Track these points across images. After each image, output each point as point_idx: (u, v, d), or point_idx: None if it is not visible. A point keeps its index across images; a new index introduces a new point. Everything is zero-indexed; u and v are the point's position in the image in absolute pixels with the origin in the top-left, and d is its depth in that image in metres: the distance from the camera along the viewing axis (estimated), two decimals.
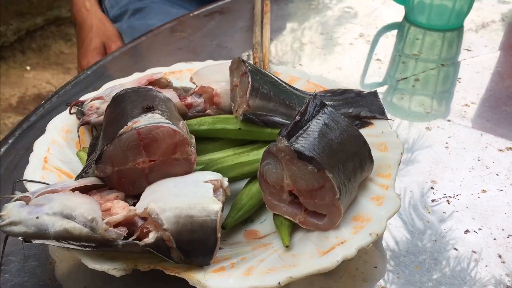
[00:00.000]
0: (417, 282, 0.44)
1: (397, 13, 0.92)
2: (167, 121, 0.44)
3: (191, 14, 0.90)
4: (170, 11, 0.99)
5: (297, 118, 0.45)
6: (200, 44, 0.81)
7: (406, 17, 0.91)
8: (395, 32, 0.88)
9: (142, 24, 0.97)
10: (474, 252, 0.46)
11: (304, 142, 0.43)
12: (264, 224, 0.47)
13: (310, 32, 0.87)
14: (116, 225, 0.39)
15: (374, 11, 0.94)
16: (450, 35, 0.86)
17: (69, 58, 2.40)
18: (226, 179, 0.45)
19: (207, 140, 0.53)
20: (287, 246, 0.42)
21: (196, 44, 0.81)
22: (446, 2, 0.84)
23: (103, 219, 0.38)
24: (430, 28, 0.87)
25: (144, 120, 0.43)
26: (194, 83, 0.58)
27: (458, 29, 0.88)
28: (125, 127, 0.43)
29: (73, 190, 0.41)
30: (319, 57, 0.79)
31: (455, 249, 0.47)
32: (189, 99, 0.57)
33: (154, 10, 0.98)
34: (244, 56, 0.77)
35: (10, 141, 0.59)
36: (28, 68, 2.30)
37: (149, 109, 0.45)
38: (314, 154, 0.42)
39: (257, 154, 0.50)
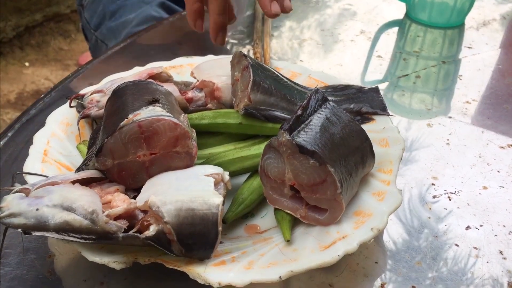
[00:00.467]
0: (418, 278, 0.44)
1: (398, 10, 0.92)
2: (168, 114, 0.44)
3: None
4: (143, 1, 0.98)
5: (299, 112, 0.44)
6: (201, 39, 0.81)
7: (407, 14, 0.90)
8: (396, 29, 0.87)
9: (119, 23, 0.97)
10: (475, 248, 0.46)
11: (306, 136, 0.42)
12: (265, 219, 0.47)
13: (311, 29, 0.86)
14: (117, 218, 0.39)
15: (375, 8, 0.94)
16: (451, 32, 0.86)
17: (68, 54, 2.39)
18: (227, 173, 0.45)
19: (208, 134, 0.53)
20: (288, 241, 0.42)
21: (197, 39, 0.81)
22: (447, 0, 0.84)
23: (103, 212, 0.38)
24: (431, 26, 0.87)
25: (145, 113, 0.43)
26: (194, 77, 0.58)
27: (459, 26, 0.87)
28: (126, 119, 0.42)
29: (73, 182, 0.41)
30: (319, 53, 0.79)
31: (456, 245, 0.47)
32: (190, 94, 0.56)
33: (128, 7, 0.98)
34: (245, 52, 0.77)
35: (9, 134, 0.59)
36: (26, 64, 2.29)
37: (154, 101, 0.45)
38: (316, 148, 0.41)
39: (258, 148, 0.49)
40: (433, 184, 0.53)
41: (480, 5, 0.94)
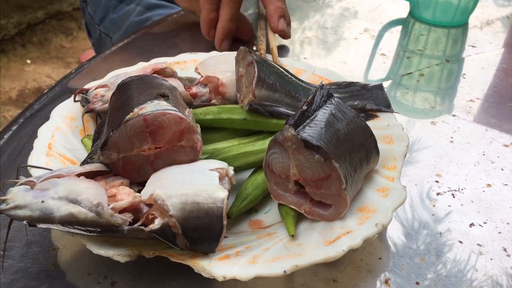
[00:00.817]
0: (421, 274, 0.44)
1: (402, 9, 0.92)
2: (174, 108, 0.44)
3: None
4: None
5: (304, 107, 0.44)
6: (203, 36, 0.81)
7: (411, 13, 0.90)
8: (399, 27, 0.87)
9: (121, 14, 0.97)
10: (479, 245, 0.46)
11: (311, 132, 0.42)
12: (269, 214, 0.47)
13: (314, 27, 0.86)
14: (121, 211, 0.39)
15: (379, 6, 0.94)
16: (455, 31, 0.86)
17: (70, 52, 2.40)
18: (231, 168, 0.45)
19: (212, 129, 0.53)
20: (292, 236, 0.42)
21: (201, 36, 0.81)
22: None
23: (108, 205, 0.38)
24: (435, 24, 0.87)
25: (151, 107, 0.43)
26: (199, 73, 0.58)
27: (463, 25, 0.87)
28: (131, 113, 0.42)
29: (79, 175, 0.41)
30: (323, 51, 0.79)
31: (460, 242, 0.47)
32: (194, 89, 0.56)
33: None
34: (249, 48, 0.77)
35: (13, 128, 0.59)
36: (28, 61, 2.29)
37: (163, 96, 0.45)
38: (321, 143, 0.41)
39: (262, 144, 0.49)
40: (436, 182, 0.53)
41: (484, 4, 0.94)
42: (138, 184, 0.44)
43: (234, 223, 0.46)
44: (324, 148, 0.41)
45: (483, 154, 0.57)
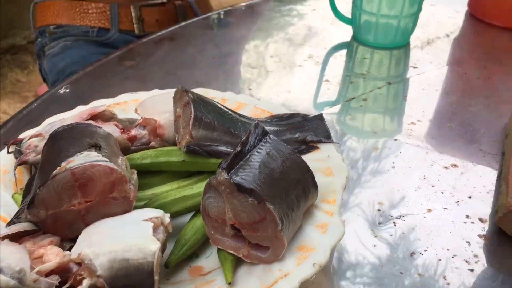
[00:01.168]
0: None
1: (346, 33, 0.93)
2: (104, 158, 0.43)
3: (140, 42, 0.89)
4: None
5: (238, 148, 0.44)
6: (149, 72, 0.80)
7: (354, 37, 0.92)
8: (344, 52, 0.89)
9: None
10: (420, 275, 0.47)
11: (244, 174, 0.42)
12: (210, 259, 0.46)
13: (259, 56, 0.87)
14: (49, 273, 0.37)
15: (322, 31, 0.95)
16: (397, 52, 0.88)
17: (26, 86, 2.34)
18: (168, 215, 0.44)
19: (151, 173, 0.52)
20: (229, 283, 0.41)
21: (145, 73, 0.80)
22: (391, 21, 0.86)
23: (33, 268, 0.37)
24: (377, 47, 0.88)
25: (79, 159, 0.42)
26: (139, 114, 0.57)
27: (404, 46, 0.89)
28: (58, 168, 0.41)
29: (3, 238, 0.39)
30: (268, 80, 0.79)
31: (401, 273, 0.47)
32: (133, 132, 0.55)
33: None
34: (194, 82, 0.77)
35: None
36: None
37: (94, 146, 0.44)
38: (254, 186, 0.41)
39: (200, 186, 0.49)
40: (378, 210, 0.54)
41: (424, 24, 0.97)
42: (71, 240, 0.43)
43: (174, 272, 0.45)
44: (257, 190, 0.41)
45: (424, 178, 0.58)
